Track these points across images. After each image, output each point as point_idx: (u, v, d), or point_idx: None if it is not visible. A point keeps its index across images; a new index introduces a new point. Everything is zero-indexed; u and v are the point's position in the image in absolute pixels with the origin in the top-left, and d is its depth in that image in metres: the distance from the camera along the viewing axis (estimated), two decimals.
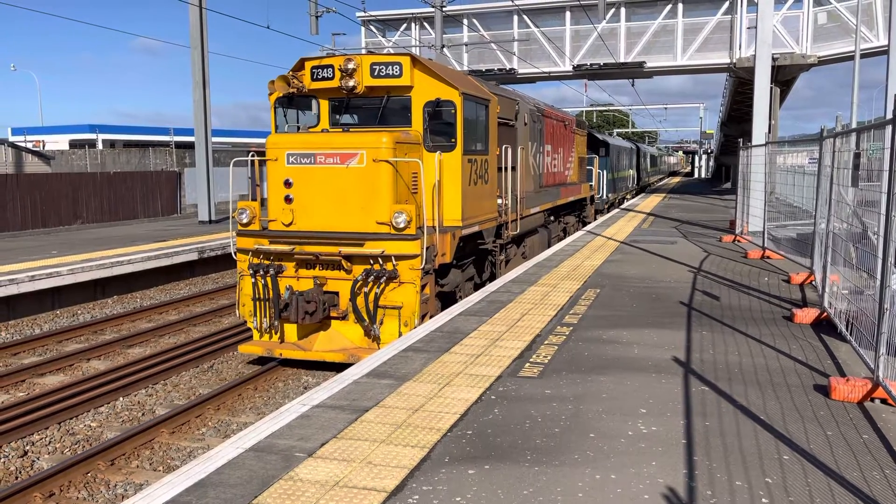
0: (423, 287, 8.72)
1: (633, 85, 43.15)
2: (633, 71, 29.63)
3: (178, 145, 40.94)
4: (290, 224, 9.04)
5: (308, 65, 9.79)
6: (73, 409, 8.11)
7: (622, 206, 27.72)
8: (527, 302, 8.89)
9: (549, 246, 15.57)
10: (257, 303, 9.07)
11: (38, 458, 7.04)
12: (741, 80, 29.13)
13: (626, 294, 9.39)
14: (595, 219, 21.77)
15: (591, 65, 29.06)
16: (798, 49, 26.27)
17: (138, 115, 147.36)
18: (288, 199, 9.03)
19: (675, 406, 5.14)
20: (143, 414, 8.18)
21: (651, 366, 6.15)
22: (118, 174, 25.95)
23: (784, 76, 27.42)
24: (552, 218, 16.74)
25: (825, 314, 7.63)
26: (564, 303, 8.83)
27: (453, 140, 9.65)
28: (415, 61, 9.59)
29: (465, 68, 29.00)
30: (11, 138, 45.30)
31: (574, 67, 29.36)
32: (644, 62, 28.49)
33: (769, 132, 17.10)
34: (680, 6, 28.04)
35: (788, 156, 14.29)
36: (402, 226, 8.52)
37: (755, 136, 16.85)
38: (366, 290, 8.67)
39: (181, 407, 7.97)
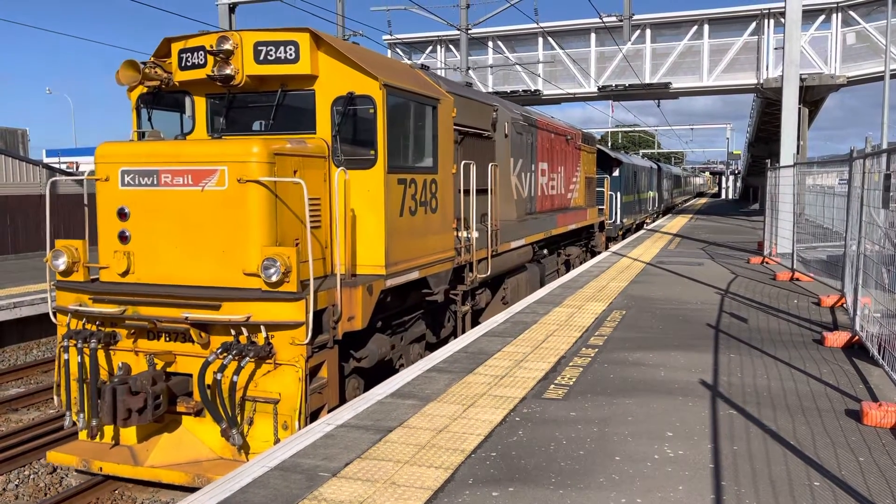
0: (312, 370, 6.17)
1: (658, 106, 43.11)
2: (659, 92, 29.59)
3: None
4: (126, 273, 6.41)
5: (175, 48, 7.22)
6: None
7: (648, 227, 27.50)
8: (551, 323, 8.84)
9: (541, 285, 13.10)
10: (78, 385, 6.35)
11: (66, 475, 7.13)
12: (769, 101, 28.94)
13: (652, 316, 9.31)
14: (607, 247, 19.78)
15: (617, 86, 29.09)
16: (826, 69, 26.06)
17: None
18: (123, 238, 6.42)
19: (703, 430, 5.07)
20: None
21: (678, 388, 6.08)
22: None
23: (812, 96, 27.19)
24: (545, 252, 14.35)
25: (857, 338, 7.49)
26: (590, 324, 8.77)
27: (372, 152, 7.03)
28: (318, 40, 7.00)
29: (490, 89, 29.19)
30: (46, 160, 46.33)
31: (599, 89, 29.40)
32: (670, 83, 28.44)
33: (797, 153, 16.94)
34: (706, 27, 28.00)
35: (818, 176, 14.13)
36: (273, 279, 5.89)
37: (783, 157, 16.69)
38: (225, 374, 5.93)
39: None
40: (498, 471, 4.39)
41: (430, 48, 32.06)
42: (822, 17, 26.43)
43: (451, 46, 31.31)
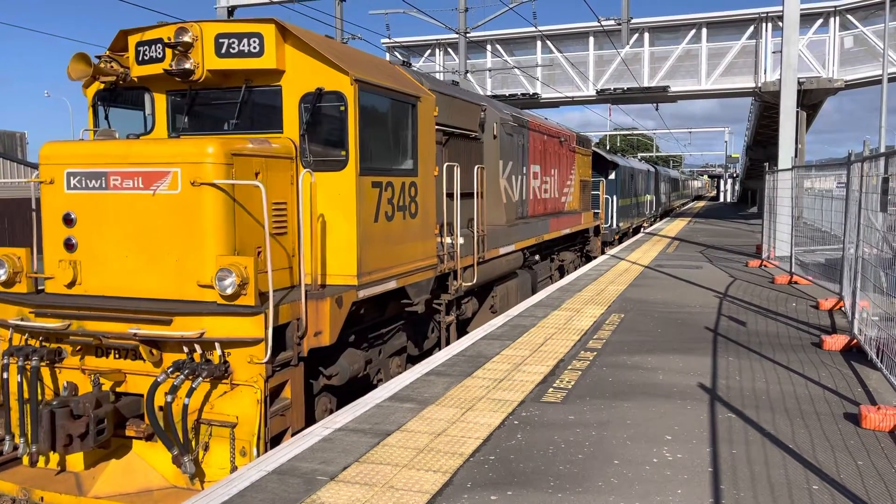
0: (274, 390, 5.68)
1: (657, 109, 43.09)
2: (657, 95, 29.62)
3: None
4: (73, 284, 5.97)
5: (132, 40, 6.71)
6: None
7: (645, 231, 27.51)
8: (550, 326, 8.84)
9: (534, 292, 12.58)
10: (19, 405, 5.92)
11: None
12: (767, 104, 28.99)
13: (650, 319, 9.31)
14: (603, 252, 19.30)
15: (615, 89, 29.11)
16: (824, 73, 26.12)
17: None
18: (69, 245, 5.96)
19: (701, 433, 5.07)
20: None
21: (676, 392, 6.07)
22: None
23: (810, 100, 27.24)
24: (537, 257, 13.79)
25: (855, 341, 7.50)
26: (588, 327, 8.77)
27: (343, 153, 6.50)
28: (284, 32, 6.51)
29: (489, 93, 29.21)
30: None
31: (598, 92, 29.43)
32: (668, 86, 28.48)
33: (795, 156, 16.97)
34: (704, 31, 28.05)
35: (816, 180, 14.15)
36: (229, 291, 5.40)
37: (781, 161, 16.72)
38: (177, 395, 5.42)
39: None
40: (496, 474, 4.38)
41: (429, 52, 32.08)
42: (819, 21, 26.49)
43: (449, 50, 31.34)
